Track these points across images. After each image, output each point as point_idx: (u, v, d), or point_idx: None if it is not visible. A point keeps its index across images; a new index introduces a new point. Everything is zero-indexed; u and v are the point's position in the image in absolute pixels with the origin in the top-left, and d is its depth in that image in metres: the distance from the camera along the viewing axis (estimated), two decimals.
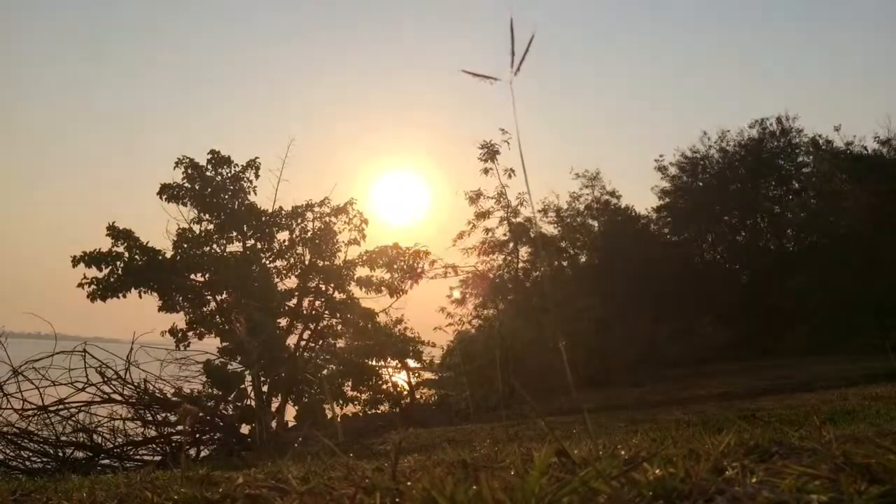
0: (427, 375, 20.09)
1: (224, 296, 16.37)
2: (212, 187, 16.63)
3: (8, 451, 11.27)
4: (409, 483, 1.55)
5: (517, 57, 1.96)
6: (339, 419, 16.03)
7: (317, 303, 17.40)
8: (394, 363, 18.38)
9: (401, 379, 18.89)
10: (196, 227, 16.64)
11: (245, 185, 17.07)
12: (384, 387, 17.83)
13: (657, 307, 29.32)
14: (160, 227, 16.69)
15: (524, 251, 23.47)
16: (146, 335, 13.60)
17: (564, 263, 32.50)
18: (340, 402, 16.95)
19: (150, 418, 12.83)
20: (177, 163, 16.64)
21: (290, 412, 16.11)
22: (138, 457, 12.27)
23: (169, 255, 16.10)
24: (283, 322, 17.02)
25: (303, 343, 17.04)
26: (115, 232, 15.60)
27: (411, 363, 18.67)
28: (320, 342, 17.42)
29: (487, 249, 22.57)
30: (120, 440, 12.37)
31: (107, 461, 11.80)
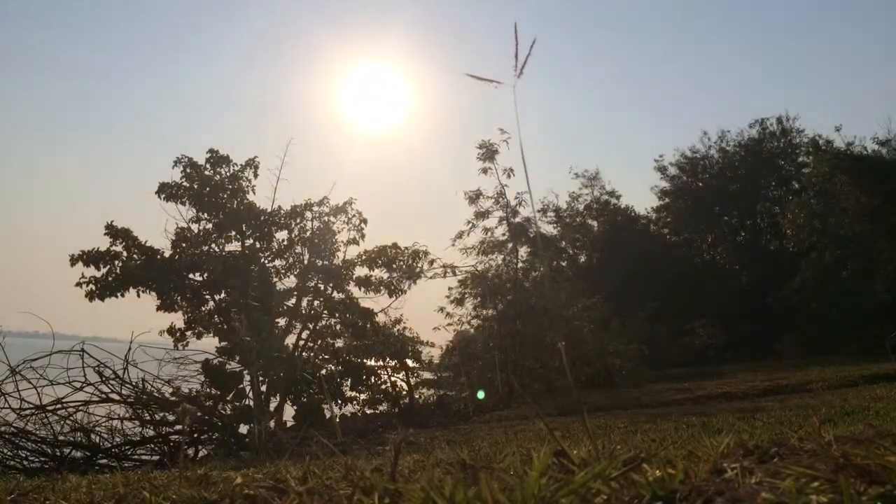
0: (426, 375, 20.07)
1: (223, 295, 16.36)
2: (210, 186, 16.60)
3: (5, 451, 11.25)
4: (407, 483, 1.55)
5: (520, 60, 1.97)
6: (337, 419, 16.00)
7: (315, 302, 17.39)
8: (392, 363, 18.37)
9: (400, 379, 18.87)
10: (195, 227, 16.63)
11: (244, 184, 17.05)
12: (383, 387, 17.83)
13: (657, 307, 29.33)
14: (159, 226, 16.67)
15: (523, 251, 23.44)
16: (144, 335, 13.56)
17: (564, 263, 32.52)
18: (339, 402, 16.94)
19: (149, 418, 12.80)
20: (175, 162, 16.62)
21: (289, 412, 16.10)
22: (136, 456, 12.23)
23: (167, 254, 16.09)
24: (281, 322, 17.01)
25: (301, 343, 17.02)
26: (113, 231, 15.59)
27: (410, 363, 18.66)
28: (319, 342, 17.40)
29: (486, 249, 22.52)
30: (118, 440, 12.34)
31: (105, 461, 11.77)
